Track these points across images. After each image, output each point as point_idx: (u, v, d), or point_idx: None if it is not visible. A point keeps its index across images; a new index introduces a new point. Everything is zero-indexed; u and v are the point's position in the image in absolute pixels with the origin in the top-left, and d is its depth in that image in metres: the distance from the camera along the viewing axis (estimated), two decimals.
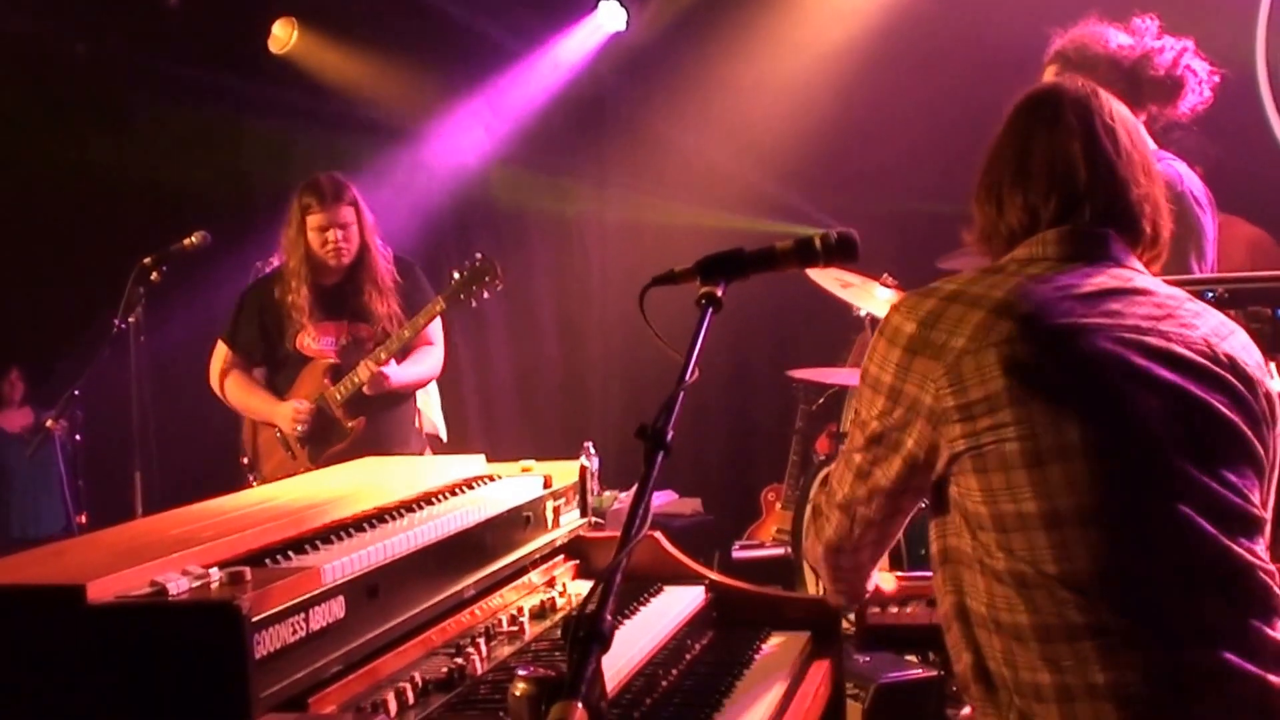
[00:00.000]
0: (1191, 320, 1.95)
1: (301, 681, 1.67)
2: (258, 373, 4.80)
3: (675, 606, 2.55)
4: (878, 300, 5.16)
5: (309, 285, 4.58)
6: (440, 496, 2.39)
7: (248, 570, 1.69)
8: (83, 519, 5.83)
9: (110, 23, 6.87)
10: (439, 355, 4.85)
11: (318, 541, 1.95)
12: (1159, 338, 1.90)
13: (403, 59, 6.97)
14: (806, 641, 2.56)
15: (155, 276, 4.85)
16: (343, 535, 2.01)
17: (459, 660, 2.02)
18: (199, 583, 1.65)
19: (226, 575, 1.68)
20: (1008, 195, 2.03)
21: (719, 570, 3.01)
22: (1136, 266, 2.00)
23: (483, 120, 7.15)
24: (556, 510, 2.63)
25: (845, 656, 2.78)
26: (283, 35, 7.03)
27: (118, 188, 7.07)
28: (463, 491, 2.49)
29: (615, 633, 1.41)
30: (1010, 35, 4.60)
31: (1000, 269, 1.99)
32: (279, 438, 4.69)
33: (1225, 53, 3.43)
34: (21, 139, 6.99)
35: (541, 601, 2.42)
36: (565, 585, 2.56)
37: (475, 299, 4.60)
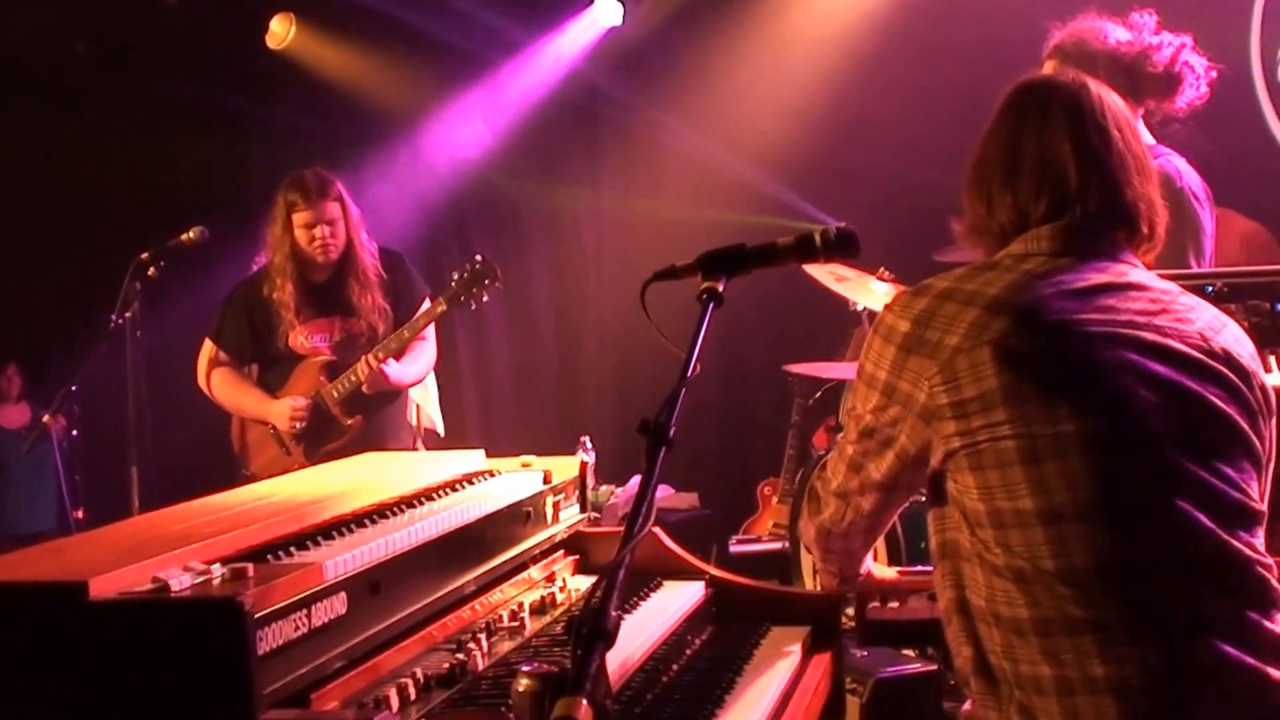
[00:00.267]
0: (1186, 314, 1.95)
1: (304, 677, 1.67)
2: (250, 370, 4.80)
3: (675, 602, 2.55)
4: (874, 294, 5.16)
5: (294, 282, 4.56)
6: (441, 492, 2.39)
7: (250, 566, 1.70)
8: (80, 514, 5.84)
9: (110, 21, 6.86)
10: (432, 351, 4.84)
11: (319, 537, 1.95)
12: (1154, 332, 1.90)
13: (400, 54, 6.96)
14: (807, 636, 2.57)
15: (153, 272, 4.82)
16: (344, 531, 2.01)
17: (460, 656, 2.02)
18: (201, 579, 1.65)
19: (229, 571, 1.68)
20: (997, 195, 2.02)
21: (716, 565, 3.01)
22: (1131, 261, 2.00)
23: (481, 113, 7.14)
24: (556, 505, 2.63)
25: (844, 651, 2.78)
26: (280, 31, 7.01)
27: (115, 183, 7.05)
28: (463, 487, 2.49)
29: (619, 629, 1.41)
30: (1008, 30, 4.60)
31: (994, 265, 1.99)
32: (271, 434, 4.67)
33: (1220, 48, 3.43)
34: (19, 135, 6.97)
35: (542, 597, 2.42)
36: (565, 580, 2.56)
37: (475, 301, 4.59)
